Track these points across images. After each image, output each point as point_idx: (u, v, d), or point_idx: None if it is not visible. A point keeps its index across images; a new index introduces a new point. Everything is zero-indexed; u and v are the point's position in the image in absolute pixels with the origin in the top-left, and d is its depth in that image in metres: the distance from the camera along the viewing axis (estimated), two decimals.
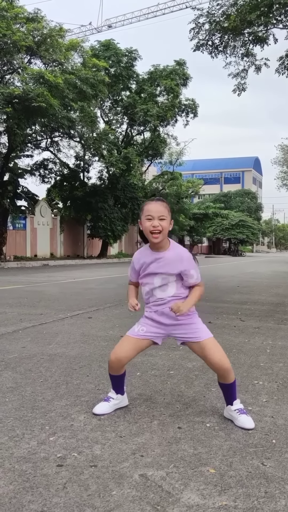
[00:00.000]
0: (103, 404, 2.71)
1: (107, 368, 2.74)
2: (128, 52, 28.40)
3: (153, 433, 2.43)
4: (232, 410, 2.60)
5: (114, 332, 5.18)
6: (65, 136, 26.45)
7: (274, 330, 5.47)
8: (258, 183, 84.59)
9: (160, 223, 2.55)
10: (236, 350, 4.37)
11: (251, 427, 2.51)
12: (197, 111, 30.21)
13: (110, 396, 2.74)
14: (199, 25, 10.46)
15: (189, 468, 2.05)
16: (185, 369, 3.68)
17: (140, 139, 31.82)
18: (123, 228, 29.72)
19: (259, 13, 8.60)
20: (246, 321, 6.12)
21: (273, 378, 3.46)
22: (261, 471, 2.04)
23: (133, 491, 1.85)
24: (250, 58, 11.40)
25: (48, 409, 2.74)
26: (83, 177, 30.34)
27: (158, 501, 1.79)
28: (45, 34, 20.34)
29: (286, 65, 11.63)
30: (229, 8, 10.14)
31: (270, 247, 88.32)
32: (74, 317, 6.22)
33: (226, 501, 1.79)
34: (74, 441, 2.31)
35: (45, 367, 3.69)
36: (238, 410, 2.59)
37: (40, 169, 29.02)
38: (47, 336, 4.93)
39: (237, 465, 2.09)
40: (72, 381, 3.31)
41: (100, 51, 27.45)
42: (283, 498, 1.82)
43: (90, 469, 2.03)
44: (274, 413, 2.74)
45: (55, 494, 1.83)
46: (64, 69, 21.55)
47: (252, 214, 58.18)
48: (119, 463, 2.09)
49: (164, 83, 27.97)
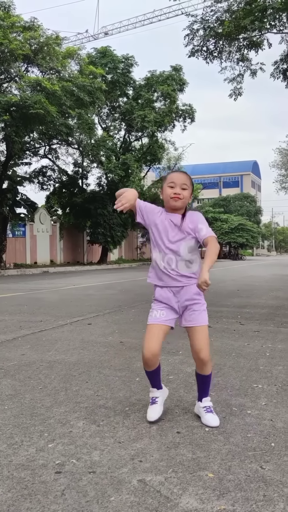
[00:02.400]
0: (154, 408, 2.66)
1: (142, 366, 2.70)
2: (125, 58, 28.54)
3: (152, 438, 2.42)
4: (201, 407, 2.65)
5: (114, 338, 5.18)
6: (63, 143, 26.54)
7: (274, 333, 5.47)
8: (257, 186, 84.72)
9: (182, 191, 2.54)
10: (236, 354, 4.37)
11: (215, 425, 2.55)
12: (194, 116, 30.34)
13: (154, 396, 2.70)
14: (193, 31, 10.53)
15: (188, 473, 2.05)
16: (185, 373, 3.68)
17: (138, 145, 31.91)
18: (123, 234, 29.75)
19: (253, 18, 8.66)
20: (246, 324, 6.12)
21: (272, 382, 3.46)
22: (260, 475, 2.04)
23: (131, 496, 1.85)
24: (245, 63, 11.47)
25: (47, 416, 2.74)
26: (82, 183, 30.42)
27: (156, 506, 1.78)
28: (41, 42, 20.46)
29: (281, 69, 11.70)
30: (223, 14, 10.22)
31: (270, 250, 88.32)
32: (73, 323, 6.21)
33: (224, 505, 1.79)
34: (73, 448, 2.31)
35: (44, 374, 3.69)
36: (205, 408, 2.63)
37: (38, 177, 29.10)
38: (47, 343, 4.93)
39: (235, 469, 2.09)
40: (71, 388, 3.31)
41: (96, 58, 27.60)
42: (281, 502, 1.82)
43: (89, 475, 2.03)
44: (273, 416, 2.73)
45: (53, 501, 1.83)
46: (61, 76, 21.66)
47: (252, 217, 58.19)
48: (118, 469, 2.08)
49: (161, 89, 28.09)
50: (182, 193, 2.53)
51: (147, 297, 9.67)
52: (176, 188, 2.53)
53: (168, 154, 34.52)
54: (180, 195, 2.53)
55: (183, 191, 2.53)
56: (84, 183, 30.67)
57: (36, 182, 29.08)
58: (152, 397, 2.71)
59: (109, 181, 29.47)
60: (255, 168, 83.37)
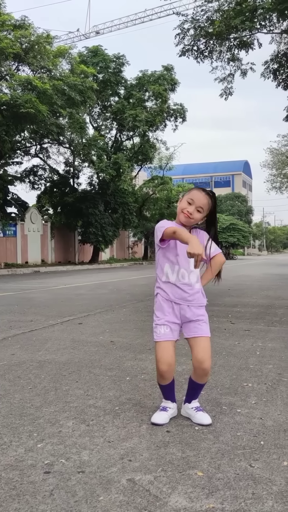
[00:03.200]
0: (162, 414, 2.63)
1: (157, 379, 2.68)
2: (116, 58, 28.49)
3: (141, 437, 2.42)
4: (190, 408, 2.66)
5: (104, 337, 5.17)
6: (55, 142, 26.45)
7: (264, 332, 5.49)
8: (248, 186, 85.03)
9: (195, 213, 2.53)
10: (226, 353, 4.38)
11: (208, 423, 2.56)
12: (186, 116, 30.40)
13: (167, 406, 2.68)
14: (184, 30, 10.54)
15: (177, 472, 2.05)
16: (175, 373, 3.67)
17: (129, 145, 31.88)
18: (114, 233, 29.69)
19: (244, 18, 8.69)
20: (237, 323, 6.14)
21: (262, 380, 3.47)
22: (249, 473, 2.04)
23: (120, 496, 1.85)
24: (236, 63, 11.50)
25: (37, 416, 2.73)
26: (73, 183, 30.31)
27: (145, 505, 1.78)
28: (32, 41, 20.38)
29: (272, 69, 11.75)
30: (214, 13, 10.25)
31: (261, 250, 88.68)
32: (64, 323, 6.19)
33: (213, 504, 1.79)
34: (62, 448, 2.30)
35: (34, 373, 3.67)
36: (195, 408, 2.65)
37: (29, 176, 29.00)
38: (37, 342, 4.91)
39: (225, 467, 2.09)
40: (61, 387, 3.29)
41: (88, 57, 27.52)
42: (270, 499, 1.82)
43: (78, 475, 2.02)
44: (263, 415, 2.74)
45: (41, 501, 1.81)
46: (52, 75, 21.59)
47: (243, 217, 58.44)
48: (107, 468, 2.08)
49: (152, 89, 28.09)
50: (194, 214, 2.52)
51: (138, 296, 9.67)
52: (191, 207, 2.52)
53: (159, 153, 34.53)
54: (192, 215, 2.52)
55: (197, 213, 2.53)
56: (76, 182, 30.58)
57: (27, 181, 28.99)
58: (165, 406, 2.69)
59: (101, 180, 29.40)
60: (246, 168, 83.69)
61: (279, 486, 1.93)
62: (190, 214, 2.52)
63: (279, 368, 3.81)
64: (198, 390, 2.69)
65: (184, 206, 2.54)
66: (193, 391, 2.68)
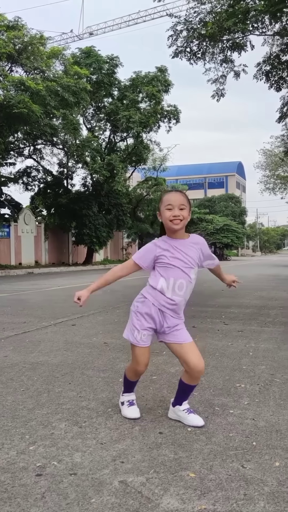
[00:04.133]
0: (135, 408, 2.75)
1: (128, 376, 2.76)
2: (109, 59, 28.47)
3: (134, 439, 2.42)
4: (181, 410, 2.65)
5: (98, 339, 5.16)
6: (48, 143, 26.39)
7: (257, 333, 5.51)
8: (241, 187, 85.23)
9: (181, 212, 2.50)
10: (219, 354, 4.39)
11: (201, 425, 2.56)
12: (180, 117, 30.38)
13: (132, 399, 2.79)
14: (177, 32, 10.56)
15: (169, 473, 2.05)
16: (168, 374, 3.68)
17: (123, 146, 31.86)
18: (108, 234, 29.66)
19: (236, 20, 8.72)
20: (230, 324, 6.15)
21: (255, 381, 3.48)
22: (241, 474, 2.04)
23: (112, 498, 1.84)
24: (228, 64, 11.54)
25: (29, 418, 2.72)
26: (66, 184, 30.25)
27: (137, 507, 1.78)
28: (26, 42, 20.33)
29: (264, 71, 11.81)
30: (206, 15, 10.28)
31: (255, 250, 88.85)
32: (57, 324, 6.18)
33: (205, 505, 1.79)
34: (54, 450, 2.29)
35: (27, 375, 3.66)
36: (186, 410, 2.64)
37: (23, 177, 28.90)
38: (30, 344, 4.90)
39: (217, 468, 2.09)
40: (54, 389, 3.29)
41: (81, 58, 27.47)
42: (262, 500, 1.83)
43: (70, 478, 2.01)
44: (255, 416, 2.75)
45: (33, 504, 1.81)
46: (46, 76, 21.55)
47: (237, 218, 58.52)
48: (99, 470, 2.07)
49: (146, 90, 28.09)
50: (181, 214, 2.49)
51: (132, 297, 9.64)
52: (174, 210, 2.49)
53: (153, 154, 34.56)
54: (180, 216, 2.49)
55: (181, 211, 2.49)
56: (69, 183, 30.52)
57: (21, 182, 28.89)
58: (130, 399, 2.79)
59: (94, 181, 29.36)
60: (240, 169, 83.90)
61: (271, 486, 1.93)
62: (178, 216, 2.49)
63: (271, 369, 3.83)
64: (190, 392, 2.70)
65: (168, 214, 2.49)
66: (184, 393, 2.67)
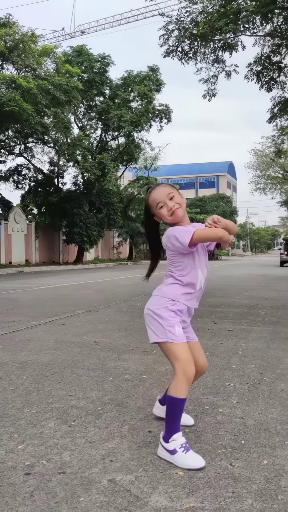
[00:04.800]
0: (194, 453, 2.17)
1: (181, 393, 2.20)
2: (101, 57, 28.42)
3: (123, 437, 2.42)
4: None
5: (88, 338, 5.16)
6: (39, 142, 26.29)
7: (247, 332, 5.53)
8: (232, 187, 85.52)
9: (174, 201, 2.31)
10: (209, 353, 4.40)
11: (192, 424, 2.59)
12: (171, 117, 30.42)
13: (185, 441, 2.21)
14: (168, 31, 10.56)
15: (158, 472, 2.05)
16: (158, 373, 3.69)
17: (114, 145, 31.83)
18: (99, 233, 29.61)
19: (228, 20, 8.75)
20: (220, 323, 6.17)
21: (244, 380, 3.50)
22: (229, 472, 2.06)
23: (101, 496, 1.85)
24: (220, 65, 11.57)
25: (18, 417, 2.71)
26: (57, 182, 30.16)
27: (126, 505, 1.78)
28: (17, 39, 20.24)
29: (255, 72, 11.86)
30: (198, 15, 10.29)
31: (245, 250, 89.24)
32: (47, 323, 6.16)
33: (193, 503, 1.80)
34: (43, 449, 2.28)
35: (16, 374, 3.65)
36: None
37: (14, 175, 28.78)
38: (20, 343, 4.87)
39: (205, 466, 2.10)
40: (44, 388, 3.28)
41: (73, 56, 27.40)
42: (250, 498, 1.84)
43: (58, 476, 2.01)
44: (244, 414, 2.77)
45: (21, 503, 1.80)
46: (37, 74, 21.45)
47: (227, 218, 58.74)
48: (88, 469, 2.07)
49: (138, 89, 28.08)
50: (175, 202, 2.31)
51: (123, 297, 9.65)
52: (167, 204, 2.31)
53: (144, 154, 34.56)
54: (175, 205, 2.31)
55: (173, 200, 2.32)
56: (60, 182, 30.43)
57: (11, 180, 28.77)
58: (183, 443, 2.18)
59: (85, 180, 29.31)
60: (231, 169, 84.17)
61: (259, 484, 1.95)
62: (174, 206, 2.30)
63: (261, 368, 3.85)
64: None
65: (164, 212, 2.32)
66: None
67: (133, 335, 5.32)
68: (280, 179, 39.10)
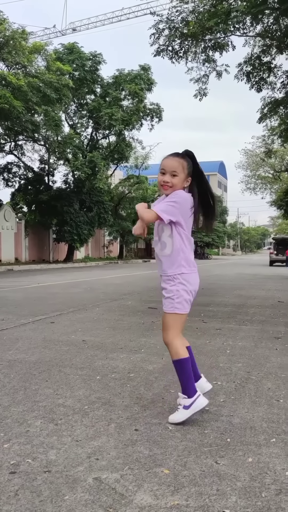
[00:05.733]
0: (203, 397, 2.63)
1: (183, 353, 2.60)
2: (92, 56, 28.31)
3: (109, 436, 2.42)
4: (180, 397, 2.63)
5: (76, 336, 5.15)
6: (29, 139, 26.16)
7: (235, 331, 5.56)
8: (223, 187, 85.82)
9: (171, 179, 2.50)
10: (197, 352, 4.41)
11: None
12: (162, 116, 30.41)
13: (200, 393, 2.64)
14: (159, 30, 10.57)
15: (144, 470, 2.06)
16: (145, 371, 3.69)
17: (105, 143, 31.75)
18: (90, 232, 29.52)
19: (218, 20, 8.78)
20: (209, 322, 6.20)
21: (231, 378, 3.52)
22: (214, 470, 2.07)
23: (86, 495, 1.85)
24: (211, 64, 11.61)
25: (4, 416, 2.70)
26: (48, 181, 30.01)
27: (111, 503, 1.79)
28: (7, 36, 20.07)
29: (245, 72, 11.91)
30: (189, 14, 10.31)
31: (235, 250, 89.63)
32: (36, 322, 6.14)
33: (178, 501, 1.81)
34: (29, 447, 2.28)
35: (3, 373, 3.63)
36: (179, 404, 2.62)
37: (3, 173, 28.60)
38: (7, 342, 4.85)
39: (191, 464, 2.11)
40: (31, 387, 3.27)
41: (64, 54, 27.25)
42: (234, 495, 1.85)
43: (44, 475, 2.01)
44: (231, 412, 2.78)
45: (6, 501, 1.80)
46: (28, 72, 21.32)
47: (218, 217, 58.96)
48: (74, 468, 2.07)
49: (129, 88, 28.03)
50: (171, 180, 2.49)
51: (112, 295, 9.65)
52: (166, 176, 2.51)
53: (135, 152, 34.53)
54: (169, 183, 2.50)
55: (173, 178, 2.49)
56: (50, 180, 30.29)
57: (1, 178, 28.58)
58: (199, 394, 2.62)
59: (76, 178, 29.19)
60: (222, 168, 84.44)
61: (243, 482, 1.96)
62: (167, 183, 2.50)
63: (248, 367, 3.87)
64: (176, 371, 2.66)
65: (160, 178, 2.53)
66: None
67: (121, 333, 5.32)
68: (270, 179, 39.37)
